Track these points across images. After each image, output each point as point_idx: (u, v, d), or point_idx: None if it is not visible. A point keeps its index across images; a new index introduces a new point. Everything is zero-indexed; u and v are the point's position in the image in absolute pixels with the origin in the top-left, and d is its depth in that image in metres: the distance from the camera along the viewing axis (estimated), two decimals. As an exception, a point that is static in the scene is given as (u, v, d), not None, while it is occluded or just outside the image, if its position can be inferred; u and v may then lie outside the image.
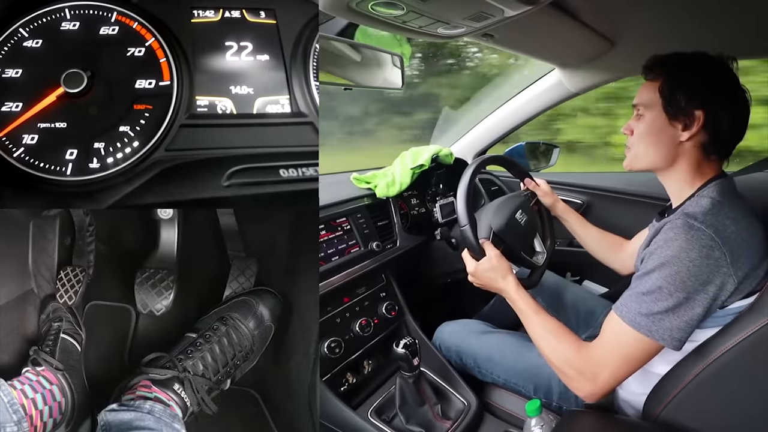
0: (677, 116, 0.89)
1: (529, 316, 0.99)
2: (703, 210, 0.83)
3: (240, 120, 0.86)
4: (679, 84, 0.89)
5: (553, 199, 1.34)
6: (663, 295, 0.80)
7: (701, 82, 0.88)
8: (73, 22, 0.86)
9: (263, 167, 0.83)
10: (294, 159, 0.85)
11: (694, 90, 0.88)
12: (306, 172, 0.85)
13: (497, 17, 0.95)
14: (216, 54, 0.89)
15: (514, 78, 1.95)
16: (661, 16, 1.10)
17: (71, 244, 1.10)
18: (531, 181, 1.33)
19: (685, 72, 0.90)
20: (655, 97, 0.91)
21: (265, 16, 0.94)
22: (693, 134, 0.88)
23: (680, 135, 0.89)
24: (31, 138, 0.78)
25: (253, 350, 1.06)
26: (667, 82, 0.90)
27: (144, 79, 0.84)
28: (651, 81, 0.94)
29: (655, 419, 0.87)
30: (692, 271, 0.78)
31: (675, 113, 0.89)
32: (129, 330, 1.13)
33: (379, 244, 1.38)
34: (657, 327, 0.81)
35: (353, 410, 1.18)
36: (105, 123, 0.80)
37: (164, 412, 0.86)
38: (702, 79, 0.88)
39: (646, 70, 0.95)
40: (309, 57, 0.93)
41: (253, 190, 0.81)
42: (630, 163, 0.98)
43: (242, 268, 1.16)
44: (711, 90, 0.88)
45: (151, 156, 0.80)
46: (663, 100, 0.90)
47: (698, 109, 0.87)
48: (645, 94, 0.94)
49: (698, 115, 0.87)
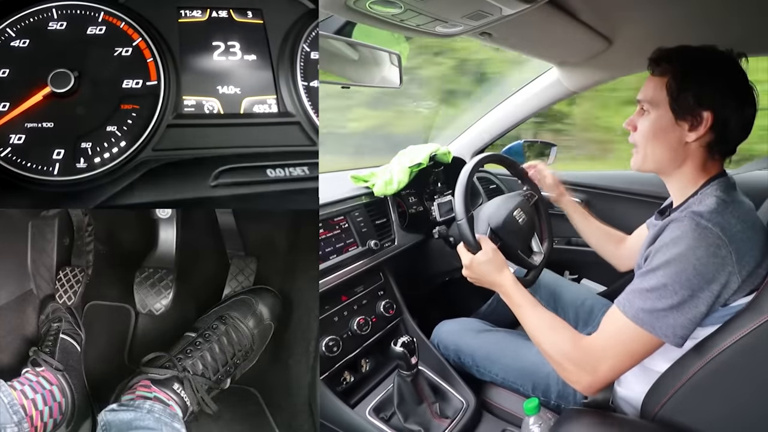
0: (684, 116, 0.87)
1: (526, 310, 0.98)
2: (709, 209, 0.82)
3: (227, 120, 0.86)
4: (687, 83, 0.86)
5: (559, 191, 1.33)
6: (667, 293, 0.80)
7: (711, 82, 0.85)
8: (60, 22, 0.85)
9: (250, 167, 0.83)
10: (281, 159, 0.85)
11: (703, 90, 0.85)
12: (293, 171, 0.85)
13: (495, 15, 0.95)
14: (203, 54, 0.89)
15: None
16: (659, 14, 1.10)
17: (70, 245, 1.10)
18: (533, 170, 1.31)
19: (694, 70, 0.87)
20: (662, 94, 0.88)
21: (253, 16, 0.94)
22: (700, 136, 0.86)
23: (686, 135, 0.87)
24: (18, 138, 0.77)
25: (253, 349, 1.05)
26: (674, 79, 0.87)
27: (131, 79, 0.84)
28: (657, 76, 0.90)
29: (653, 417, 0.87)
30: (698, 269, 0.78)
31: (682, 113, 0.87)
32: (128, 330, 1.13)
33: (377, 243, 1.38)
34: (660, 323, 0.80)
35: (351, 408, 1.18)
36: (92, 123, 0.80)
37: (164, 412, 0.86)
38: (712, 79, 0.86)
39: (652, 64, 0.92)
40: (296, 57, 0.93)
41: (240, 190, 0.81)
42: (638, 164, 0.95)
43: (241, 266, 1.16)
44: (721, 91, 0.85)
45: (138, 156, 0.80)
46: (670, 99, 0.87)
47: (707, 110, 0.84)
48: (651, 89, 0.91)
49: (706, 117, 0.84)
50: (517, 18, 0.95)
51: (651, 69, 0.92)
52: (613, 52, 1.36)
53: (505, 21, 0.97)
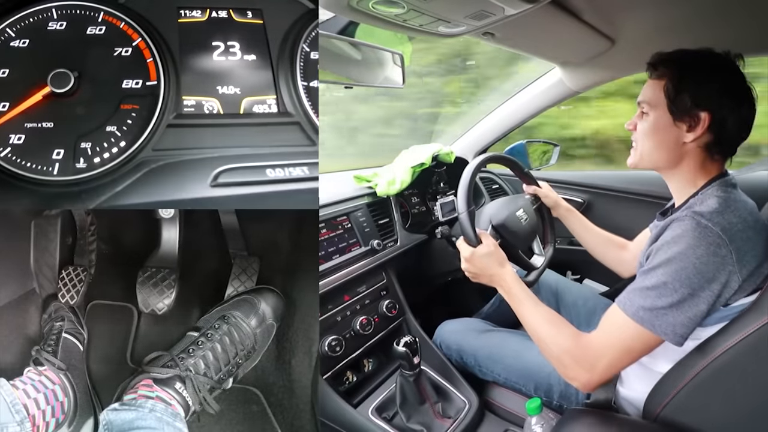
0: (682, 117, 0.88)
1: (526, 305, 0.98)
2: (710, 209, 0.82)
3: (227, 120, 0.86)
4: (684, 85, 0.88)
5: (555, 200, 1.34)
6: (668, 291, 0.80)
7: (707, 84, 0.87)
8: (60, 22, 0.85)
9: (250, 167, 0.83)
10: (280, 159, 0.85)
11: (699, 92, 0.87)
12: (293, 172, 0.84)
13: (498, 16, 0.95)
14: (203, 54, 0.89)
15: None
16: (661, 14, 1.10)
17: (73, 244, 1.10)
18: (531, 185, 1.33)
19: (691, 72, 0.89)
20: (660, 96, 0.90)
21: (252, 16, 0.94)
22: (698, 136, 0.87)
23: (684, 136, 0.88)
24: (18, 138, 0.78)
25: (256, 349, 1.05)
26: (671, 82, 0.89)
27: (131, 79, 0.84)
28: (655, 79, 0.92)
29: (655, 418, 0.87)
30: (698, 268, 0.78)
31: (679, 114, 0.88)
32: (131, 329, 1.14)
33: (379, 243, 1.38)
34: (660, 321, 0.80)
35: (354, 408, 1.18)
36: (92, 123, 0.80)
37: (166, 411, 0.86)
38: (708, 81, 0.87)
39: (650, 68, 0.94)
40: (296, 57, 0.93)
41: (240, 191, 0.81)
42: (635, 162, 0.98)
43: (244, 266, 1.16)
44: (717, 92, 0.86)
45: (137, 156, 0.80)
46: (668, 101, 0.89)
47: (703, 111, 0.86)
48: (649, 92, 0.93)
49: (703, 117, 0.86)
50: (519, 18, 0.95)
51: (650, 72, 0.94)
52: (616, 52, 1.36)
53: (507, 21, 0.97)
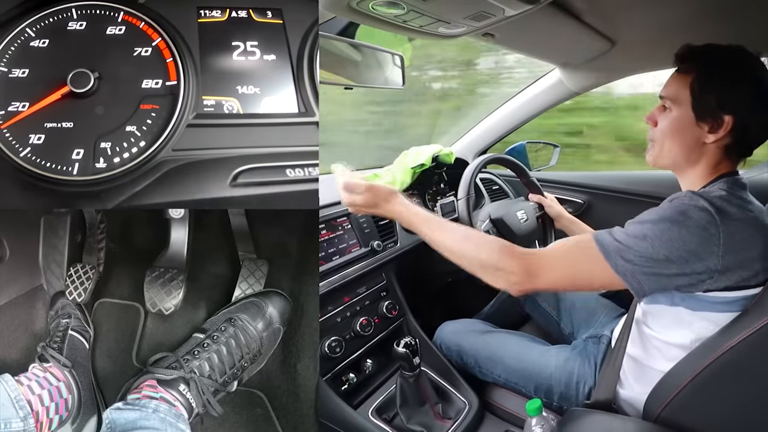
0: (705, 118, 0.86)
1: (441, 225, 0.96)
2: (711, 194, 0.82)
3: (247, 120, 0.86)
4: (710, 86, 0.85)
5: (559, 211, 1.35)
6: (645, 244, 0.79)
7: (734, 87, 0.84)
8: (79, 22, 0.86)
9: (269, 167, 0.83)
10: (301, 159, 0.85)
11: (725, 94, 0.84)
12: (312, 172, 0.84)
13: (498, 17, 0.95)
14: (223, 54, 0.89)
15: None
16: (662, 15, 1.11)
17: (82, 242, 1.10)
18: (537, 194, 1.33)
19: (719, 72, 0.86)
20: (685, 93, 0.88)
21: (272, 15, 0.94)
22: (718, 138, 0.86)
23: (706, 136, 0.86)
24: (38, 138, 0.78)
25: (261, 352, 1.05)
26: (698, 80, 0.86)
27: (151, 79, 0.84)
28: (682, 74, 0.89)
29: (656, 419, 0.87)
30: (683, 236, 0.77)
31: (703, 114, 0.86)
32: (137, 329, 1.13)
33: (379, 244, 1.38)
34: (624, 263, 0.80)
35: (354, 409, 1.18)
36: (111, 123, 0.80)
37: (169, 412, 0.86)
38: (735, 84, 0.84)
39: (678, 60, 0.90)
40: (315, 56, 0.93)
41: (260, 191, 0.81)
42: (654, 159, 0.95)
43: (252, 269, 1.16)
44: (743, 97, 0.84)
45: (157, 156, 0.80)
46: (692, 99, 0.87)
47: (728, 114, 0.84)
48: (674, 87, 0.90)
49: (727, 120, 0.84)
50: (519, 19, 0.95)
51: (676, 65, 0.91)
52: (616, 54, 1.35)
53: (507, 22, 0.98)
